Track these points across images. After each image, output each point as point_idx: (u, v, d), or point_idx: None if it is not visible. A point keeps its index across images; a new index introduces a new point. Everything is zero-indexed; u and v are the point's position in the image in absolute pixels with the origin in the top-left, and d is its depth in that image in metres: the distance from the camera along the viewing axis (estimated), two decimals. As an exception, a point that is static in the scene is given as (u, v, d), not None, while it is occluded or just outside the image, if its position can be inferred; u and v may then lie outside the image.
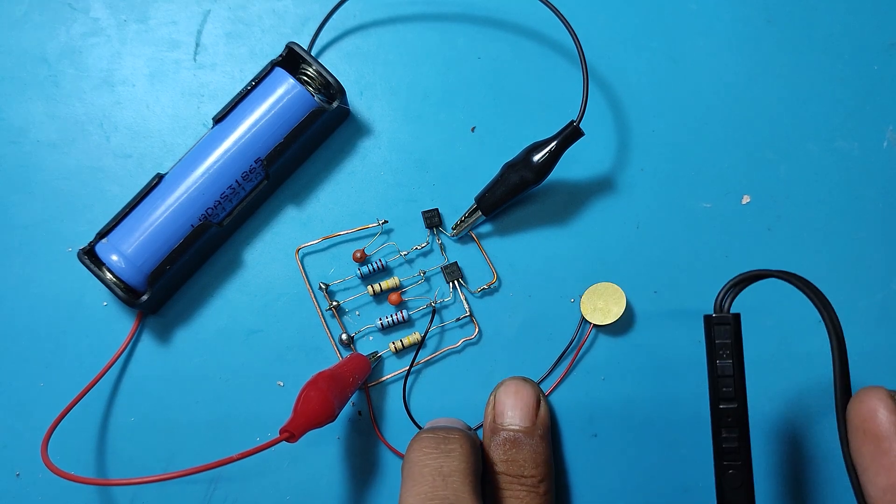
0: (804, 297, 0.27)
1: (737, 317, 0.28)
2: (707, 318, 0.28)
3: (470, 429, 0.35)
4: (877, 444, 0.25)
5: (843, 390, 0.26)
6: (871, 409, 0.25)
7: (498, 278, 0.38)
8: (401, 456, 0.36)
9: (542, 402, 0.34)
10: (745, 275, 0.28)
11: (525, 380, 0.35)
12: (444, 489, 0.28)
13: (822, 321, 0.26)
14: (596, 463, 0.36)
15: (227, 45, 0.40)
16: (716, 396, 0.28)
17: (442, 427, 0.32)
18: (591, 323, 0.36)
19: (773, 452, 0.36)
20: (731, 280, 0.28)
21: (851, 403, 0.26)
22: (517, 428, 0.33)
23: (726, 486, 0.28)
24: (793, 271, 0.28)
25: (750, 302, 0.32)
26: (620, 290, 0.36)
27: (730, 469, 0.28)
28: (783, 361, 0.37)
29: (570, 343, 0.37)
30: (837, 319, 0.26)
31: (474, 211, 0.37)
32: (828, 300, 0.27)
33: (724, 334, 0.28)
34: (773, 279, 0.28)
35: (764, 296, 0.34)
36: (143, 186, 0.35)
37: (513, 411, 0.33)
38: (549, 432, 0.34)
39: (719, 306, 0.28)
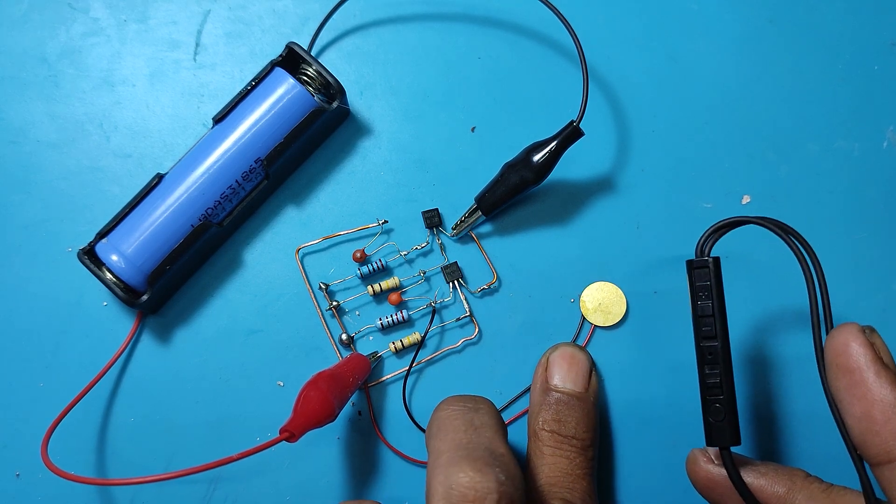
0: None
1: (716, 260, 0.30)
2: (688, 263, 0.30)
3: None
4: (850, 377, 0.26)
5: (821, 330, 0.28)
6: (844, 344, 0.27)
7: (498, 278, 0.38)
8: (401, 455, 0.36)
9: (594, 372, 0.35)
10: (724, 221, 0.30)
11: (579, 347, 0.35)
12: (477, 437, 0.28)
13: (799, 264, 0.28)
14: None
15: (227, 45, 0.40)
16: (698, 335, 0.30)
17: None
18: (591, 324, 0.36)
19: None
20: (712, 226, 0.30)
21: (827, 341, 0.27)
22: (570, 391, 0.33)
23: (711, 419, 0.29)
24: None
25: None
26: (621, 291, 0.36)
27: (715, 403, 0.29)
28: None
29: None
30: (818, 263, 0.28)
31: (474, 211, 0.37)
32: (806, 242, 0.29)
33: (703, 276, 0.29)
34: (753, 225, 0.30)
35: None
36: (143, 186, 0.35)
37: (567, 374, 0.33)
38: (597, 402, 0.34)
39: (700, 251, 0.30)
